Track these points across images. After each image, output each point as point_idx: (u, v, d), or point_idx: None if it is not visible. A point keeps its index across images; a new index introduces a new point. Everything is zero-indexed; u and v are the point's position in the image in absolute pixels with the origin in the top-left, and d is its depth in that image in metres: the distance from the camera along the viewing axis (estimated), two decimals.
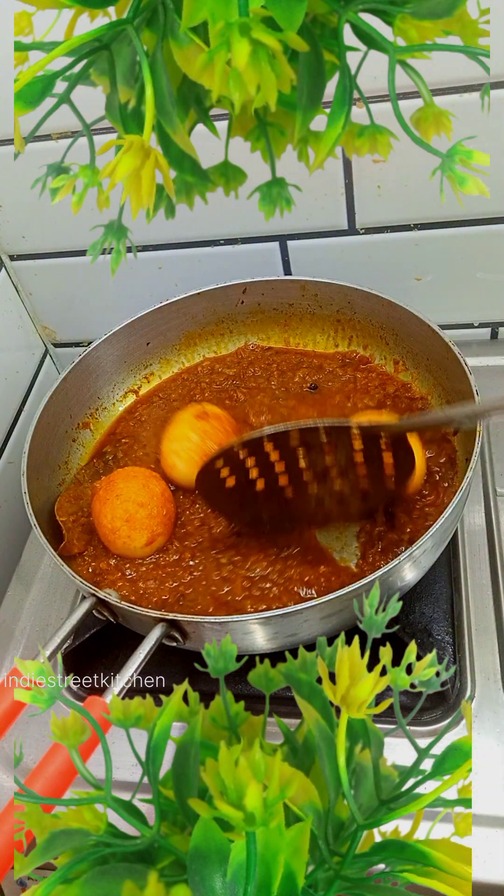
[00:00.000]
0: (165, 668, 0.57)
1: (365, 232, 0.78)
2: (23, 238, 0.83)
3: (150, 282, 0.86)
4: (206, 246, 0.82)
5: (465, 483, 0.55)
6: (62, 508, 0.67)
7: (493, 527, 0.69)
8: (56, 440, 0.73)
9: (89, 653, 0.65)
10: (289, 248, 0.81)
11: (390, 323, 0.74)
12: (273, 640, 0.54)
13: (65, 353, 0.97)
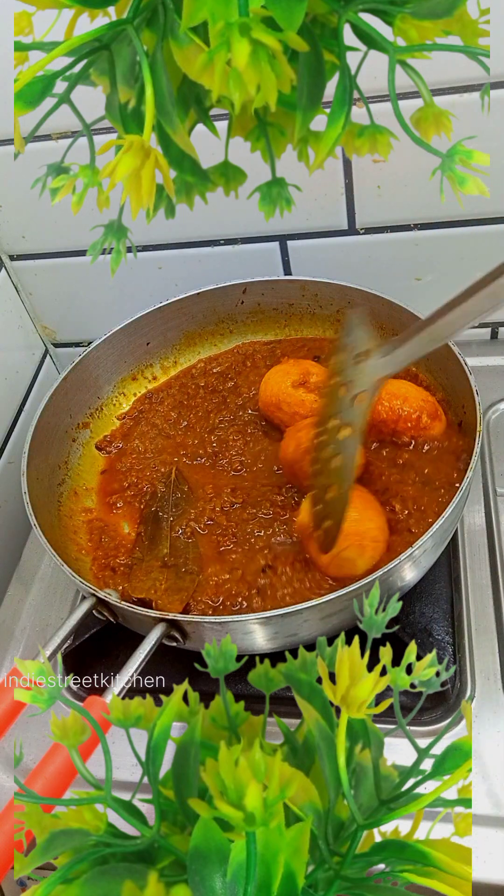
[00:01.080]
0: (165, 668, 0.57)
1: (365, 232, 0.78)
2: (23, 238, 0.83)
3: (150, 282, 0.86)
4: (206, 246, 0.82)
5: (465, 483, 0.55)
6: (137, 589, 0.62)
7: (493, 527, 0.69)
8: (56, 440, 0.73)
9: (89, 653, 0.65)
10: (289, 248, 0.81)
11: (390, 323, 0.74)
12: (273, 640, 0.54)
13: (65, 353, 0.97)
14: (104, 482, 0.75)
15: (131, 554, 0.66)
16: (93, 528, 0.70)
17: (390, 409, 0.65)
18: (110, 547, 0.68)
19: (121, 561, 0.66)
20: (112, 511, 0.72)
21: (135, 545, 0.67)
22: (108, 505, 0.72)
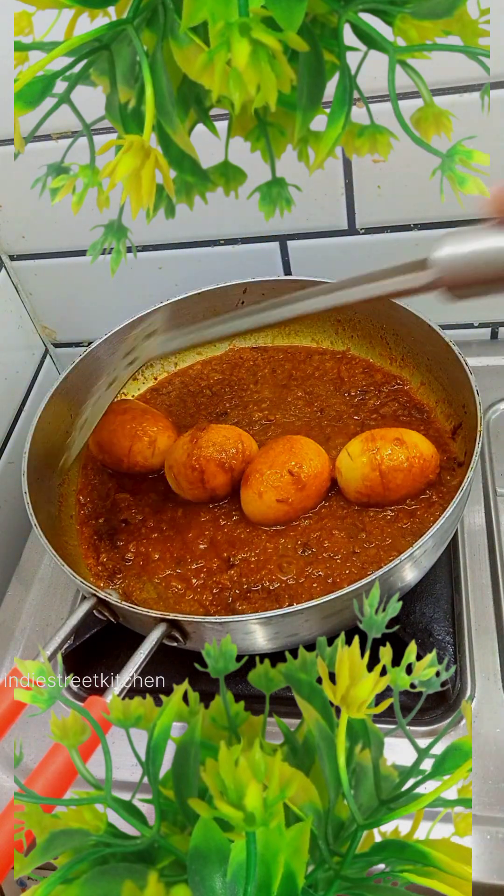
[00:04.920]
0: (165, 668, 0.57)
1: (365, 232, 0.78)
2: (23, 238, 0.83)
3: (150, 282, 0.86)
4: (206, 246, 0.82)
5: (465, 483, 0.55)
6: None
7: (493, 527, 0.69)
8: (56, 440, 0.73)
9: (89, 653, 0.65)
10: (289, 248, 0.81)
11: (391, 323, 0.74)
12: (273, 640, 0.54)
13: (65, 353, 0.97)
14: None
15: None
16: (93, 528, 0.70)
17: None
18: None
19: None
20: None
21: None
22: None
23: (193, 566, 0.63)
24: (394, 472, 0.62)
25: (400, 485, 0.62)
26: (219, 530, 0.65)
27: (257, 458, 0.65)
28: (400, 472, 0.62)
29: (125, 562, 0.66)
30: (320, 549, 0.62)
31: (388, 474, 0.62)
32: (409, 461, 0.62)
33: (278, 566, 0.62)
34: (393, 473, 0.62)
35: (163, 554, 0.65)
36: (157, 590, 0.62)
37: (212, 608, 0.60)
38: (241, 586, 0.61)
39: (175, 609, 0.61)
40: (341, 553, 0.61)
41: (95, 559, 0.67)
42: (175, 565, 0.64)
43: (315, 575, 0.61)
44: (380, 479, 0.62)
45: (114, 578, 0.65)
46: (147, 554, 0.65)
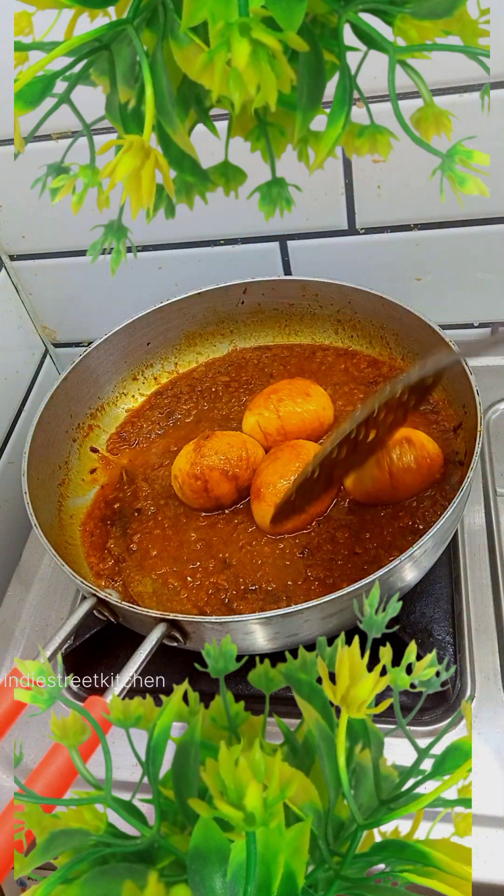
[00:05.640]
0: (165, 668, 0.57)
1: (365, 232, 0.78)
2: (23, 238, 0.83)
3: (150, 282, 0.86)
4: (206, 246, 0.82)
5: (465, 483, 0.55)
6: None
7: (493, 527, 0.69)
8: (56, 440, 0.73)
9: (89, 653, 0.65)
10: (289, 248, 0.81)
11: (391, 323, 0.74)
12: (273, 640, 0.54)
13: (65, 353, 0.97)
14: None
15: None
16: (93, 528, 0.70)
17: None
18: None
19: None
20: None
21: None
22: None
23: (190, 566, 0.63)
24: (403, 472, 0.61)
25: (409, 485, 0.62)
26: (217, 533, 0.65)
27: (265, 467, 0.64)
28: (409, 473, 0.62)
29: (129, 551, 0.66)
30: (321, 550, 0.62)
31: (397, 475, 0.61)
32: (417, 461, 0.62)
33: (277, 566, 0.62)
34: (402, 474, 0.61)
35: (160, 551, 0.65)
36: (154, 585, 0.62)
37: (207, 608, 0.60)
38: (239, 587, 0.61)
39: (169, 607, 0.61)
40: (342, 553, 0.61)
41: (101, 547, 0.67)
42: (172, 563, 0.64)
43: (315, 575, 0.61)
44: (389, 479, 0.62)
45: (118, 566, 0.65)
46: (146, 550, 0.65)
